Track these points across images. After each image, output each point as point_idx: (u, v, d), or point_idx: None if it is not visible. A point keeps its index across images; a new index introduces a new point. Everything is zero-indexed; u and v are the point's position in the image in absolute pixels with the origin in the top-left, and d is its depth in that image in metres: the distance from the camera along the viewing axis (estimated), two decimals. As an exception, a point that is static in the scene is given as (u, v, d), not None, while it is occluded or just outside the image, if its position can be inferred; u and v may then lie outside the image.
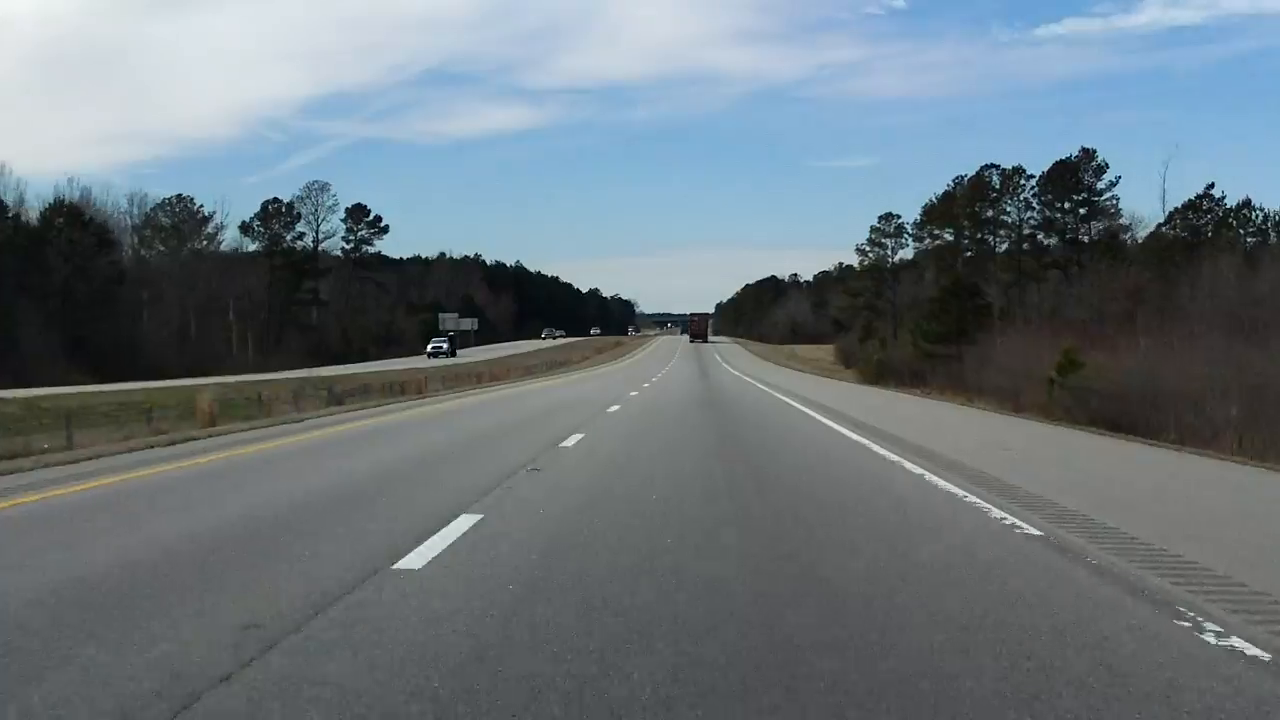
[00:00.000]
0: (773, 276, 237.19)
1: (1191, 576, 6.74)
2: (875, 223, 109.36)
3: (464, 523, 8.69)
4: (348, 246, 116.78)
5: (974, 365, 64.50)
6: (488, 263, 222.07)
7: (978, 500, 10.36)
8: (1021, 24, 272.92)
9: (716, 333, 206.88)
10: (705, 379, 57.08)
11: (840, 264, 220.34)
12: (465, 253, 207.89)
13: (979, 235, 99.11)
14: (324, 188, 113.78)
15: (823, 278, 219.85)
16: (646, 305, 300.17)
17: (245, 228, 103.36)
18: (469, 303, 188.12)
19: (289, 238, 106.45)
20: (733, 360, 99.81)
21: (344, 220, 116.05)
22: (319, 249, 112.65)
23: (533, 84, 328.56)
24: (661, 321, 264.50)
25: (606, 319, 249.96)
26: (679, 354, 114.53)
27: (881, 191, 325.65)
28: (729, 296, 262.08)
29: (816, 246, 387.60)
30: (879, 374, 75.93)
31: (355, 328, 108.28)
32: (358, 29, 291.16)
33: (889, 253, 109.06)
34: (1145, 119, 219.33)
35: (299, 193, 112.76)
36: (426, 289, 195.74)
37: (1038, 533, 8.45)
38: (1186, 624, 5.58)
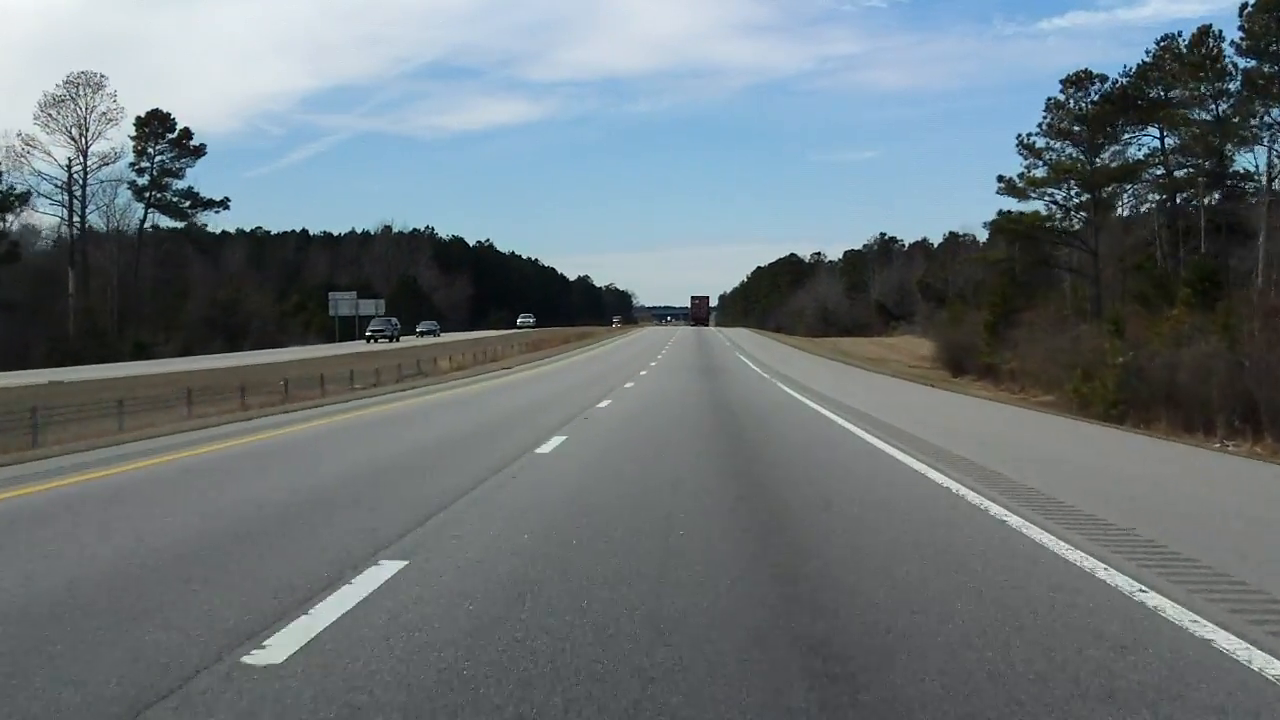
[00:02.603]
0: (792, 255, 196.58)
1: None
2: (1057, 94, 61.71)
3: None
4: (141, 181, 70.98)
5: None
6: (444, 239, 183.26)
7: None
8: (1024, 17, 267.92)
9: (720, 324, 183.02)
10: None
11: (883, 234, 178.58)
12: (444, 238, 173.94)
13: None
14: (98, 84, 69.73)
15: (854, 256, 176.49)
16: (646, 298, 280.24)
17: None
18: (409, 285, 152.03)
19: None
20: (779, 363, 53.51)
21: (132, 136, 70.95)
22: (86, 179, 68.39)
23: (534, 77, 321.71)
24: (661, 315, 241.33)
25: (599, 309, 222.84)
26: (666, 354, 65.22)
27: (884, 185, 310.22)
28: (732, 287, 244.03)
29: (819, 240, 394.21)
30: (1123, 400, 31.59)
31: (143, 311, 64.30)
32: (359, 22, 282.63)
33: (1086, 157, 57.70)
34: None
35: (59, 89, 68.80)
36: (362, 268, 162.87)
37: None
38: None
